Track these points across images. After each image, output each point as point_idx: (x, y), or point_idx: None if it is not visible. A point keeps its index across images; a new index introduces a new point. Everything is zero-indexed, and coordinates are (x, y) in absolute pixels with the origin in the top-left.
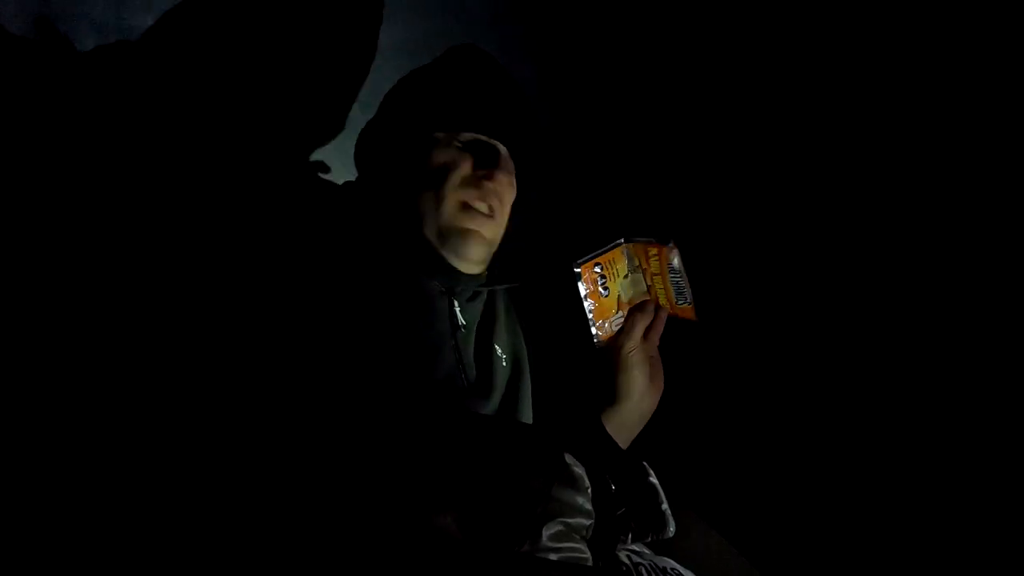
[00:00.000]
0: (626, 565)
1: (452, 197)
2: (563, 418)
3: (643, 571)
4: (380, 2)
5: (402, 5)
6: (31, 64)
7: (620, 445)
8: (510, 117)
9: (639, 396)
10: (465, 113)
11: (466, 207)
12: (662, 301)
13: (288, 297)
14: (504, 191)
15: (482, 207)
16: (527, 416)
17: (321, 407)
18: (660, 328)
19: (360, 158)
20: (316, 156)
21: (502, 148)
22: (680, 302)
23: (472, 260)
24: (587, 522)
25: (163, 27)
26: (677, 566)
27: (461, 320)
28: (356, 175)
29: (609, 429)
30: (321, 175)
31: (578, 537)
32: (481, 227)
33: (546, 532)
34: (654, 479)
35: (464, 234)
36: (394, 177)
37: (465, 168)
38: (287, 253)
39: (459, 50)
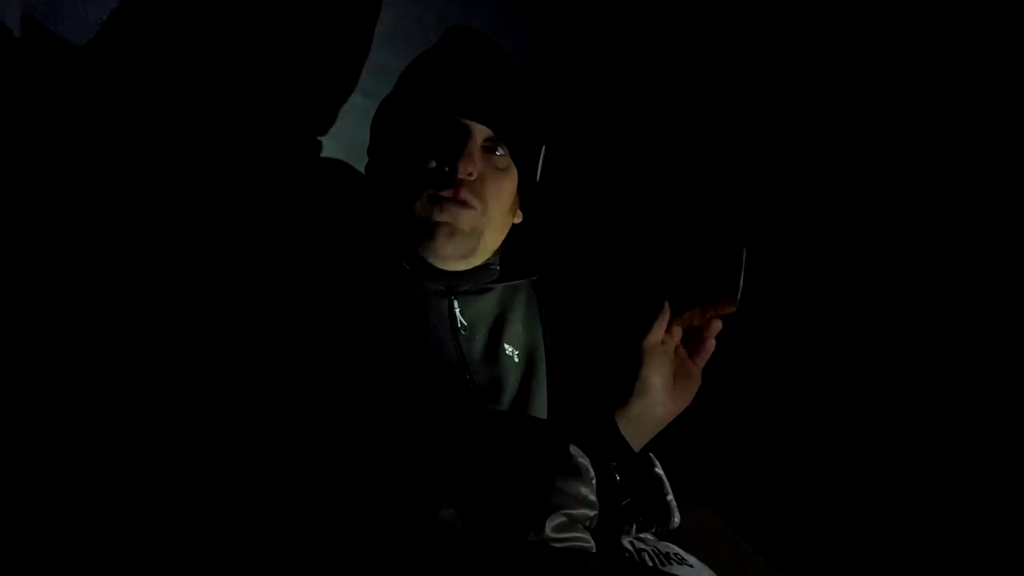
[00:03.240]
0: (629, 551)
1: (420, 189)
2: (575, 411)
3: (646, 557)
4: None
5: None
6: (28, 59)
7: (630, 442)
8: (490, 94)
9: (651, 399)
10: (439, 95)
11: (435, 198)
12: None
13: (290, 299)
14: (481, 181)
15: (451, 195)
16: (540, 415)
17: (321, 406)
18: (705, 351)
19: (369, 152)
20: (317, 146)
21: (480, 130)
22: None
23: (448, 256)
24: (591, 513)
25: (158, 19)
26: (680, 551)
27: (461, 320)
28: (363, 166)
29: (620, 424)
30: (323, 167)
31: (581, 527)
32: (454, 218)
33: (550, 524)
34: (659, 470)
35: (434, 227)
36: (384, 172)
37: (432, 159)
38: (287, 255)
39: (448, 33)
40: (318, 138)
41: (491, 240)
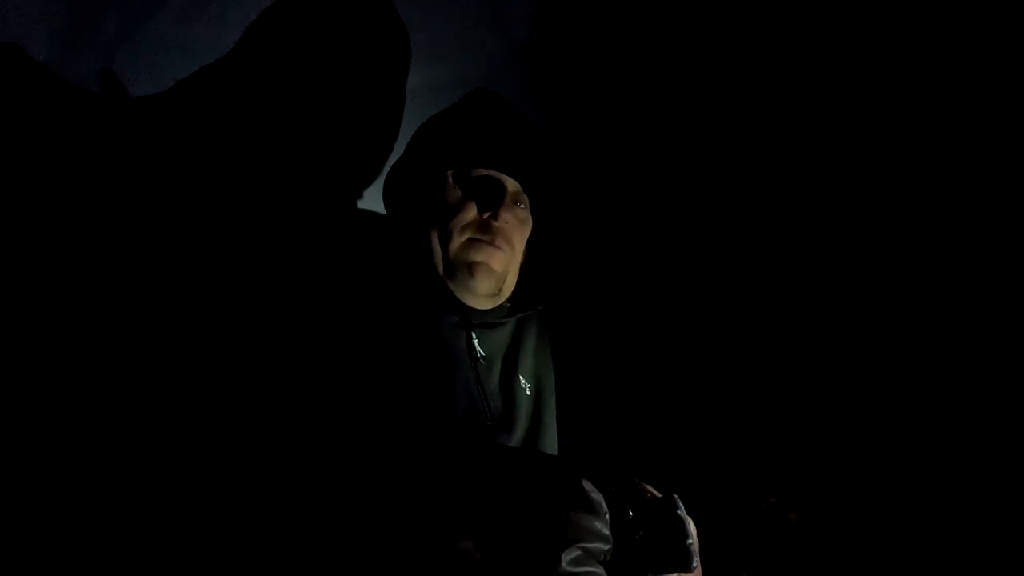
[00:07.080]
0: None
1: (460, 234)
2: (587, 444)
3: None
4: (408, 48)
5: (426, 50)
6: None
7: None
8: (519, 152)
9: None
10: (474, 150)
11: (473, 241)
12: None
13: (313, 329)
14: (512, 229)
15: (490, 240)
16: (550, 448)
17: (342, 437)
18: None
19: (386, 199)
20: (350, 196)
21: (511, 183)
22: None
23: (480, 294)
24: (605, 547)
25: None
26: None
27: (480, 351)
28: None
29: None
30: (353, 213)
31: (595, 561)
32: (489, 258)
33: (565, 557)
34: (683, 512)
35: (471, 267)
36: (412, 216)
37: (472, 207)
38: (312, 289)
39: (472, 94)
40: (358, 183)
41: (511, 281)
